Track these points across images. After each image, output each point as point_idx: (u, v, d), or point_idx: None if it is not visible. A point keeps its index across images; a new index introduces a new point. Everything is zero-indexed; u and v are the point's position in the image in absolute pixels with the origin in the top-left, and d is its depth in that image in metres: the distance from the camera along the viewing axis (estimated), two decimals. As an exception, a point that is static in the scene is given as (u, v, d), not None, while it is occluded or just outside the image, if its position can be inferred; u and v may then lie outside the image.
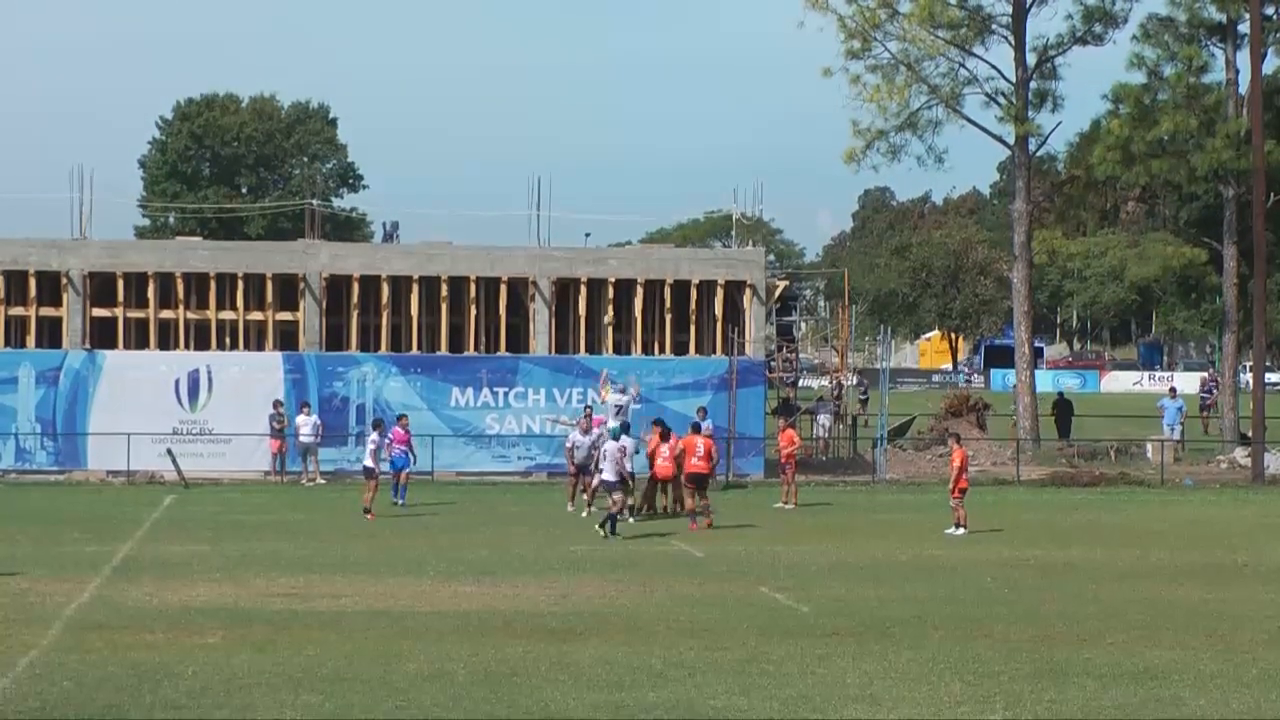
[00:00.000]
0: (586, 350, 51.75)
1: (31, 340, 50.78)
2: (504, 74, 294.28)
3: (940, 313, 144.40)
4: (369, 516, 38.46)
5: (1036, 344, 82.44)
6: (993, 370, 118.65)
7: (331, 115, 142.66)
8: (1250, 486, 50.99)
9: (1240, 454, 55.45)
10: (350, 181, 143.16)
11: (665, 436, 39.13)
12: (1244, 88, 56.68)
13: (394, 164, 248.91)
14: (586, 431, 41.20)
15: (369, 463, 40.16)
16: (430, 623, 24.33)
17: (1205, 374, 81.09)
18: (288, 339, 51.78)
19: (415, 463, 42.84)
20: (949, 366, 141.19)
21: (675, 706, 18.81)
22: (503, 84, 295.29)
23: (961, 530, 36.75)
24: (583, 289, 51.91)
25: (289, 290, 51.65)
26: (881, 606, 26.36)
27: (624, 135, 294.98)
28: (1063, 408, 63.21)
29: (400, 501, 41.06)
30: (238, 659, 21.25)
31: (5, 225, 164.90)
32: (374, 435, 40.76)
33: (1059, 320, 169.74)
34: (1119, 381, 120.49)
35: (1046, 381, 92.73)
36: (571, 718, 18.36)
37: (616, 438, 37.19)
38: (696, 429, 39.97)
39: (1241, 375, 67.17)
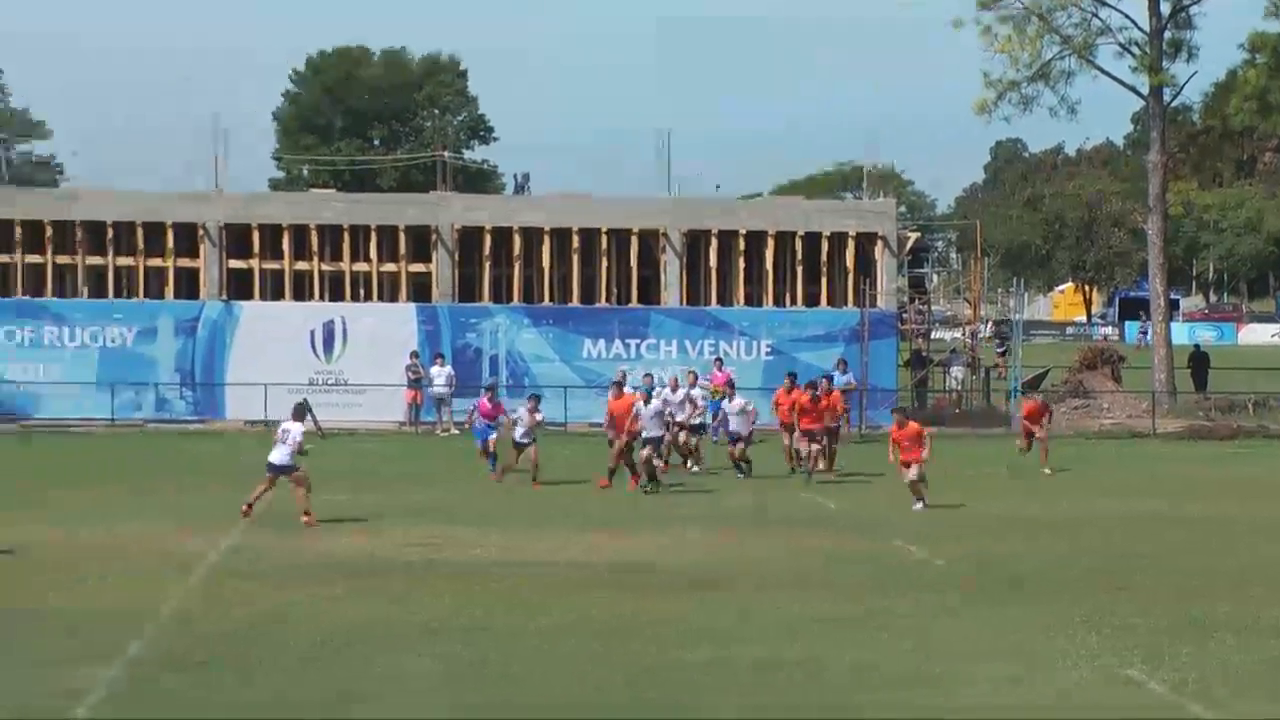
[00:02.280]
0: (718, 302, 51.77)
1: (170, 291, 51.41)
2: (634, 25, 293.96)
3: (1074, 265, 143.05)
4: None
5: (1172, 296, 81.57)
6: (1127, 323, 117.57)
7: (462, 67, 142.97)
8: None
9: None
10: (481, 133, 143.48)
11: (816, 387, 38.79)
12: (1386, 33, 55.68)
13: (525, 115, 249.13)
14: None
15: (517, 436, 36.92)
16: (565, 574, 24.43)
17: None
18: (421, 290, 52.12)
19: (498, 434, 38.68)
20: (1083, 319, 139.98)
21: (808, 660, 18.81)
22: (633, 34, 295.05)
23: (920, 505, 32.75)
24: (714, 240, 51.89)
25: (421, 242, 51.97)
26: (1015, 560, 26.24)
27: (756, 88, 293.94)
28: (1199, 360, 62.56)
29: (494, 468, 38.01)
30: (374, 609, 21.46)
31: (143, 179, 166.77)
32: (521, 412, 37.27)
33: (1195, 272, 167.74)
34: (1256, 334, 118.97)
35: (1182, 334, 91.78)
36: (707, 670, 18.38)
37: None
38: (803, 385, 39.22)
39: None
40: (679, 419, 38.47)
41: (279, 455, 29.62)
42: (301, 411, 30.33)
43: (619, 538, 28.32)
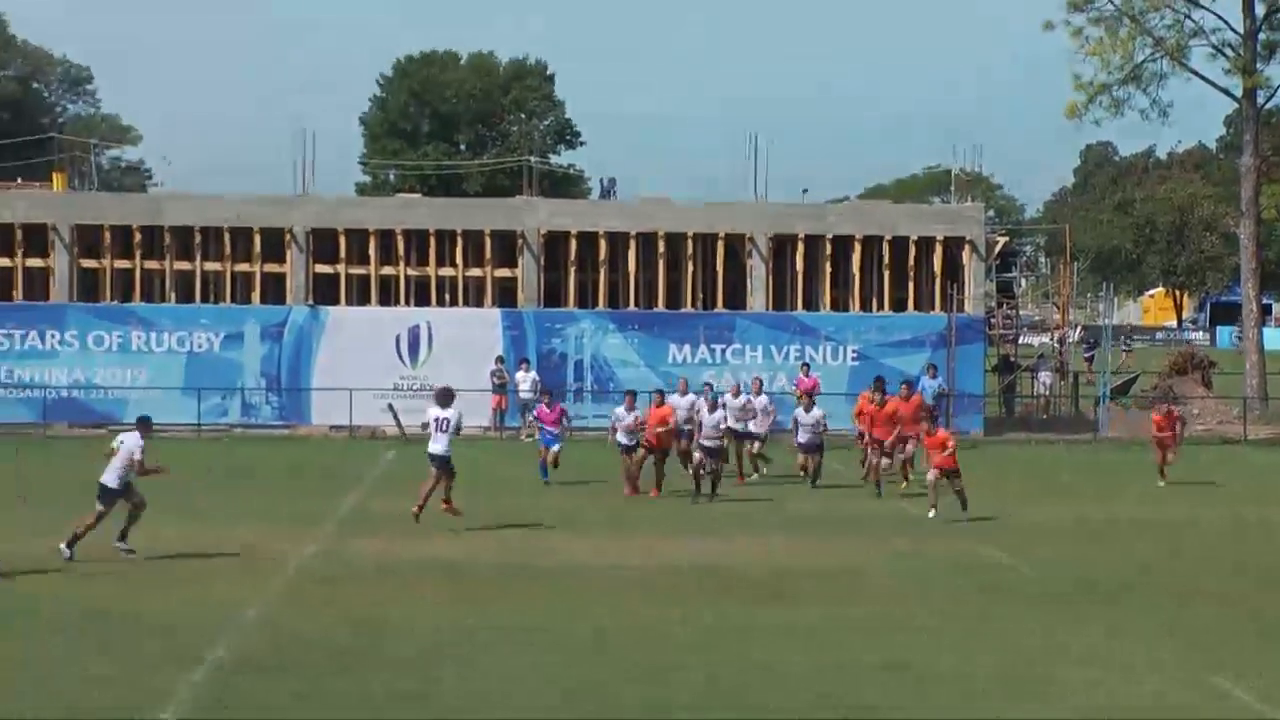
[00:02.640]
0: (804, 307, 51.60)
1: (257, 296, 51.68)
2: (720, 27, 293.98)
3: (1165, 269, 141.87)
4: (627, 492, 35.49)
5: (1264, 301, 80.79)
6: (1218, 328, 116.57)
7: (549, 71, 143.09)
8: None
9: None
10: (568, 138, 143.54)
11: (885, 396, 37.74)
12: None
13: (611, 119, 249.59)
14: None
15: (623, 439, 35.93)
16: (648, 579, 24.36)
17: None
18: (506, 295, 52.19)
19: (563, 443, 38.22)
20: (1173, 323, 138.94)
21: (896, 665, 18.69)
22: (720, 37, 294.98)
23: (933, 512, 31.87)
24: (800, 245, 51.74)
25: (507, 247, 52.06)
26: (1101, 566, 26.02)
27: (843, 90, 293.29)
28: (1291, 366, 62.00)
29: (546, 480, 37.35)
30: (458, 614, 21.44)
31: (231, 183, 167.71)
32: (619, 411, 36.43)
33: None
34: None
35: (1275, 339, 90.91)
36: (790, 675, 18.29)
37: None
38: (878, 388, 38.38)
39: None
40: (736, 427, 37.59)
41: (440, 445, 29.51)
42: (449, 395, 30.10)
43: (705, 544, 28.23)
